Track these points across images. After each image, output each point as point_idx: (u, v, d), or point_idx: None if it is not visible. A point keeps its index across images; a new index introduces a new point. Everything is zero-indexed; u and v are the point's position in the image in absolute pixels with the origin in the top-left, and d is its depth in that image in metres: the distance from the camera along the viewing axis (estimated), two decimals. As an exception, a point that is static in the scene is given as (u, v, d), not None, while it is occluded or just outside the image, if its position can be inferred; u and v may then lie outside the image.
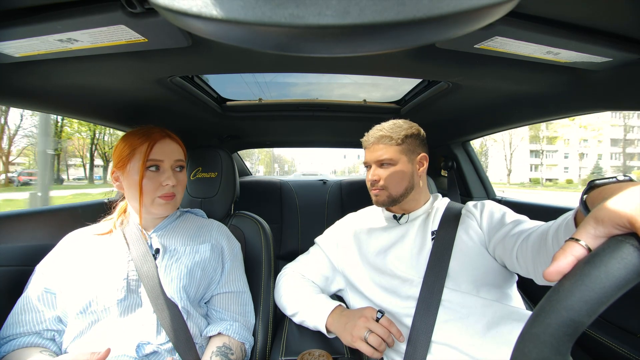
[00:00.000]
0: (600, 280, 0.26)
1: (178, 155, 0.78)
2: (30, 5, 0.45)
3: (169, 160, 0.76)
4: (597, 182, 0.39)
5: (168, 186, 0.74)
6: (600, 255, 0.27)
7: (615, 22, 0.50)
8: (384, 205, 0.86)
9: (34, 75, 0.68)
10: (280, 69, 0.75)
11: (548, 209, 1.17)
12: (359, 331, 0.67)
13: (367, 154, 0.88)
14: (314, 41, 0.23)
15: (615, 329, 0.84)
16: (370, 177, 0.86)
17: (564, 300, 0.27)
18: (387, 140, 0.84)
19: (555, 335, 0.26)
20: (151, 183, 0.73)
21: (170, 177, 0.74)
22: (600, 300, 0.26)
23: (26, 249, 0.81)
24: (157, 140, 0.75)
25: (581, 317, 0.26)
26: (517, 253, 0.63)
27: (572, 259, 0.29)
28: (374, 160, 0.85)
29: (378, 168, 0.85)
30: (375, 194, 0.86)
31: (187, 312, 0.71)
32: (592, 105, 0.79)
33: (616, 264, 0.26)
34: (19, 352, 0.62)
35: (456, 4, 0.20)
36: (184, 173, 0.81)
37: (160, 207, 0.75)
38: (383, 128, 0.86)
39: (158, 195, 0.74)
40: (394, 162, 0.83)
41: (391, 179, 0.83)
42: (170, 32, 0.50)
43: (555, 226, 0.51)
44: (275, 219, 1.75)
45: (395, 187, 0.83)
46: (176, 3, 0.21)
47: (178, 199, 0.79)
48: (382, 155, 0.83)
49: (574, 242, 0.30)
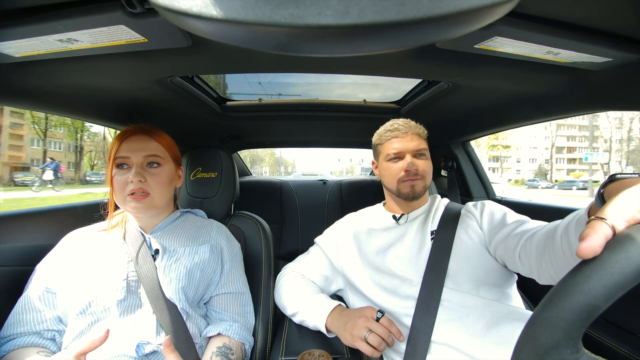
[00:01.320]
0: (620, 265, 0.26)
1: (150, 151, 0.74)
2: (30, 5, 0.45)
3: (137, 157, 0.72)
4: (618, 175, 0.39)
5: (132, 183, 0.70)
6: (621, 241, 0.27)
7: (615, 22, 0.50)
8: (420, 195, 0.85)
9: (34, 75, 0.68)
10: (280, 69, 0.74)
11: (548, 209, 1.17)
12: (359, 331, 0.67)
13: (400, 143, 0.84)
14: (314, 41, 0.23)
15: (615, 329, 0.84)
16: (409, 167, 0.82)
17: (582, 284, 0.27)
18: (420, 131, 0.86)
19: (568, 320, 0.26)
20: (119, 181, 0.71)
21: (135, 174, 0.70)
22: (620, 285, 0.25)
23: (26, 249, 0.81)
24: (125, 138, 0.73)
25: (598, 301, 0.26)
26: (520, 252, 0.63)
27: (603, 237, 0.28)
28: (411, 150, 0.84)
29: (414, 158, 0.84)
30: (413, 184, 0.83)
31: (186, 312, 0.71)
32: (592, 105, 0.79)
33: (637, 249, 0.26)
34: (19, 352, 0.62)
35: (456, 4, 0.20)
36: (161, 169, 0.76)
37: (132, 206, 0.71)
38: (409, 122, 0.87)
39: (127, 194, 0.71)
40: (427, 154, 0.86)
41: (427, 169, 0.85)
42: (170, 32, 0.50)
43: (565, 223, 0.51)
44: (275, 219, 1.75)
45: (428, 178, 0.85)
46: (176, 3, 0.21)
47: (155, 198, 0.74)
48: (420, 145, 0.85)
49: (600, 221, 0.29)
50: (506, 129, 1.21)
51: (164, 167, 0.77)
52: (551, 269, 0.55)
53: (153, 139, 0.76)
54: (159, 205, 0.76)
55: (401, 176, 0.84)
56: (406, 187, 0.84)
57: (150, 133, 0.77)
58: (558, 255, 0.51)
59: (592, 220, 0.30)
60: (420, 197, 0.85)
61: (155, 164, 0.75)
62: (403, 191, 0.84)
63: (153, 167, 0.75)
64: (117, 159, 0.72)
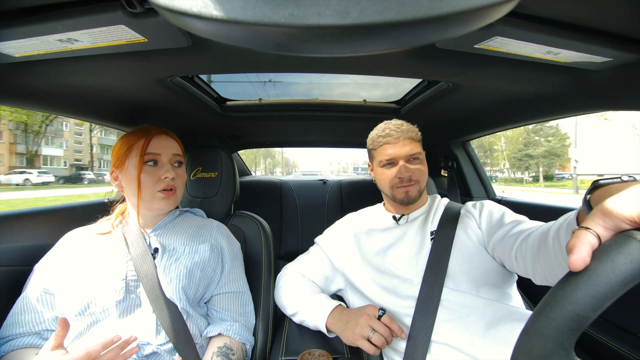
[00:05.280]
0: (607, 275, 0.26)
1: (176, 150, 0.79)
2: (30, 5, 0.45)
3: (167, 155, 0.76)
4: (602, 181, 0.38)
5: (167, 179, 0.74)
6: (607, 250, 0.27)
7: (615, 22, 0.50)
8: (414, 200, 0.84)
9: (34, 75, 0.68)
10: (280, 68, 0.75)
11: (548, 209, 1.17)
12: (362, 329, 0.67)
13: (394, 149, 0.83)
14: (314, 41, 0.23)
15: (615, 329, 0.84)
16: (403, 174, 0.81)
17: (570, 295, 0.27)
18: (412, 135, 0.84)
19: (559, 330, 0.26)
20: (150, 177, 0.73)
21: (169, 170, 0.75)
22: (606, 295, 0.26)
23: (26, 249, 0.81)
24: (153, 136, 0.75)
25: (586, 312, 0.26)
26: (516, 253, 0.63)
27: (589, 247, 0.28)
28: (404, 155, 0.82)
29: (406, 163, 0.83)
30: (407, 190, 0.83)
31: (187, 312, 0.71)
32: (592, 105, 0.79)
33: (623, 259, 0.26)
34: (18, 353, 0.62)
35: (456, 4, 0.20)
36: (182, 169, 0.81)
37: (161, 202, 0.75)
38: (402, 125, 0.85)
39: (158, 190, 0.74)
40: (421, 157, 0.84)
41: (420, 173, 0.84)
42: (170, 32, 0.50)
43: (556, 226, 0.51)
44: (275, 219, 1.75)
45: (422, 182, 0.84)
46: (176, 3, 0.21)
47: (179, 195, 0.78)
48: (413, 149, 0.83)
49: (585, 230, 0.30)
50: (506, 128, 1.21)
51: (184, 167, 0.82)
52: (545, 270, 0.55)
53: (173, 139, 0.80)
54: (179, 202, 0.80)
55: (395, 182, 0.83)
56: (400, 193, 0.84)
57: (169, 134, 0.80)
58: (551, 257, 0.51)
59: (578, 230, 0.30)
60: (415, 201, 0.85)
61: (179, 162, 0.80)
62: (398, 197, 0.85)
63: (178, 167, 0.79)
64: (148, 154, 0.74)
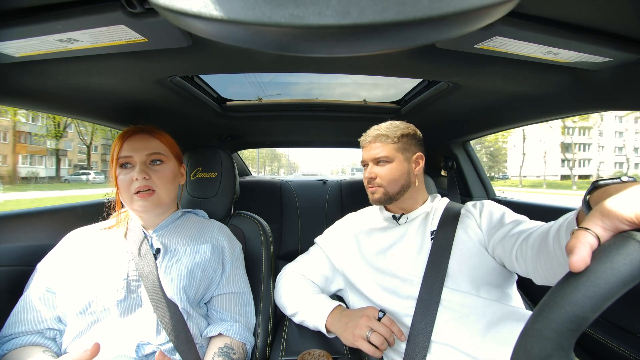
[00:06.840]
0: (606, 276, 0.26)
1: (153, 149, 0.75)
2: (30, 5, 0.45)
3: (140, 155, 0.73)
4: (601, 182, 0.38)
5: (137, 181, 0.71)
6: (606, 251, 0.27)
7: (615, 22, 0.50)
8: (380, 203, 0.87)
9: (34, 75, 0.68)
10: (280, 69, 0.75)
11: (548, 209, 1.17)
12: (361, 330, 0.67)
13: (364, 153, 0.90)
14: (314, 41, 0.23)
15: (615, 329, 0.84)
16: (367, 175, 0.87)
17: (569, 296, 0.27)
18: (383, 139, 0.85)
19: (558, 331, 0.27)
20: (124, 180, 0.72)
21: (140, 172, 0.71)
22: (605, 296, 0.26)
23: (26, 249, 0.81)
24: (127, 137, 0.75)
25: (585, 313, 0.26)
26: (516, 253, 0.63)
27: (588, 248, 0.28)
28: (370, 158, 0.87)
29: (375, 166, 0.86)
30: (372, 191, 0.87)
31: (187, 312, 0.71)
32: (592, 105, 0.79)
33: (622, 259, 0.26)
34: (20, 351, 0.62)
35: (456, 4, 0.20)
36: (165, 166, 0.77)
37: (140, 205, 0.72)
38: (380, 128, 0.88)
39: (133, 192, 0.72)
40: (390, 159, 0.85)
41: (387, 176, 0.84)
42: (170, 32, 0.50)
43: (557, 226, 0.51)
44: (275, 219, 1.75)
45: (391, 185, 0.84)
46: (176, 3, 0.21)
47: (161, 194, 0.75)
48: (379, 153, 0.85)
49: (584, 231, 0.30)
50: (506, 128, 1.21)
51: (167, 165, 0.78)
52: (546, 270, 0.55)
53: (154, 137, 0.77)
54: (165, 202, 0.77)
55: (365, 183, 0.89)
56: (369, 194, 0.88)
57: (151, 132, 0.78)
58: (551, 257, 0.51)
59: (577, 231, 0.30)
60: (383, 203, 0.87)
61: (158, 161, 0.77)
62: (369, 197, 0.89)
63: (156, 165, 0.76)
64: (120, 158, 0.73)
